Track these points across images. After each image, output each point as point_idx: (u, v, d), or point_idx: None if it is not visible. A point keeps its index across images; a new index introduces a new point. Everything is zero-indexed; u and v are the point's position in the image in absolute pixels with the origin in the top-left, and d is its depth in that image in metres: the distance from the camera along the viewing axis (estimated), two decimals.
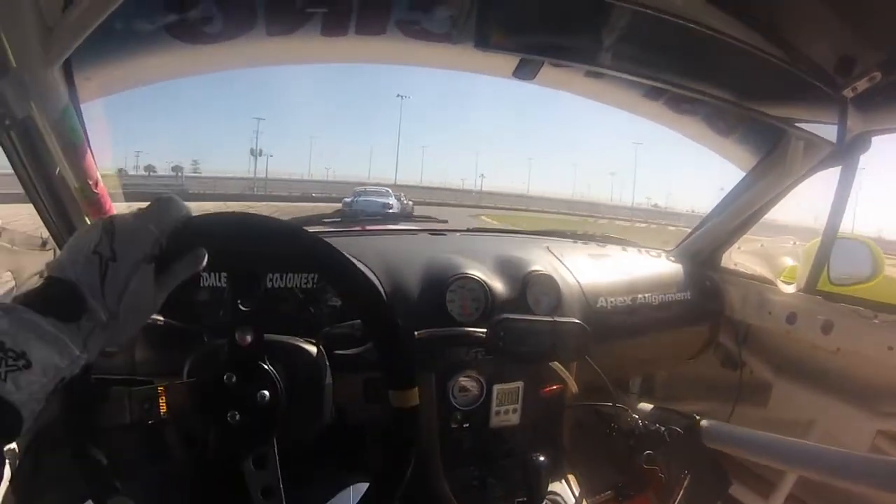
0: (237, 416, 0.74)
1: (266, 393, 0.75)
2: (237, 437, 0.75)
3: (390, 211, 12.04)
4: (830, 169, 1.34)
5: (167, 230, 0.57)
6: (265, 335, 0.81)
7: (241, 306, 0.76)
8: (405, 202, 16.27)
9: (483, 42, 0.78)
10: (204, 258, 0.62)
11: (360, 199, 15.01)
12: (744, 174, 1.49)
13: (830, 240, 1.37)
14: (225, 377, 0.74)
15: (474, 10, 0.78)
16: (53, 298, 0.51)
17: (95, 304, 0.52)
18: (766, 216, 1.55)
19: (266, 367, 0.77)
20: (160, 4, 0.99)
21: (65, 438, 0.74)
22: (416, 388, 0.70)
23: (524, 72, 1.00)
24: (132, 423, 0.75)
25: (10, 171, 1.02)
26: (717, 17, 0.99)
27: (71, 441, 0.71)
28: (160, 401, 0.73)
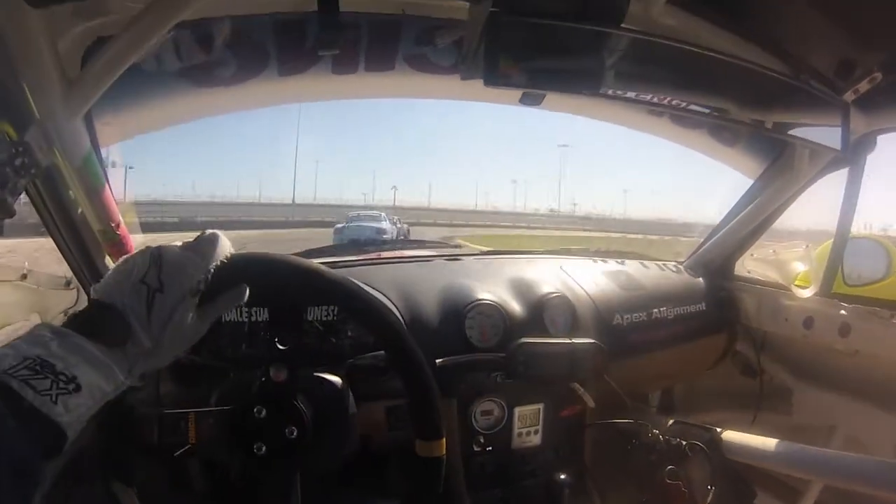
0: (263, 449, 0.76)
1: (294, 429, 0.77)
2: (261, 468, 0.77)
3: (385, 237, 11.40)
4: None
5: (213, 265, 0.59)
6: (305, 370, 0.83)
7: (278, 344, 0.78)
8: (400, 226, 15.71)
9: (492, 79, 0.79)
10: (245, 294, 0.64)
11: (352, 224, 14.13)
12: (751, 182, 1.50)
13: (843, 241, 1.37)
14: (255, 410, 0.76)
15: (481, 47, 0.80)
16: (102, 324, 0.52)
17: (141, 332, 0.54)
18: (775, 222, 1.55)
19: (297, 404, 0.78)
20: (175, 51, 1.02)
21: (102, 459, 0.76)
22: (443, 440, 0.71)
23: (531, 99, 1.02)
24: (160, 446, 0.76)
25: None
26: (713, 35, 1.01)
27: (104, 463, 0.73)
28: (190, 426, 0.75)
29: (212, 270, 0.59)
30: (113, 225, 1.09)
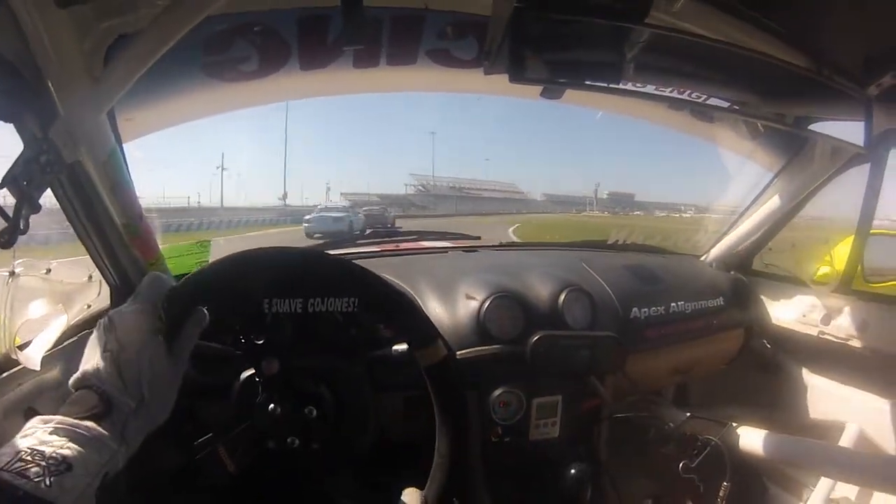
0: (296, 442, 0.80)
1: (312, 408, 0.80)
2: (301, 456, 0.81)
3: (342, 223, 15.43)
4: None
5: (160, 301, 0.63)
6: (311, 358, 0.85)
7: (255, 340, 0.81)
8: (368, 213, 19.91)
9: (517, 75, 0.79)
10: (205, 316, 0.67)
11: (316, 215, 17.39)
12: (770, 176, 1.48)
13: (863, 237, 1.35)
14: (269, 408, 0.78)
15: (506, 42, 0.79)
16: (83, 405, 0.56)
17: (120, 397, 0.57)
18: None
19: (301, 382, 0.82)
20: (197, 46, 1.02)
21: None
22: (440, 342, 0.74)
23: (552, 93, 1.02)
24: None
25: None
26: (735, 30, 1.00)
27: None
28: (224, 458, 0.78)
29: (161, 308, 0.63)
30: (136, 218, 1.10)
